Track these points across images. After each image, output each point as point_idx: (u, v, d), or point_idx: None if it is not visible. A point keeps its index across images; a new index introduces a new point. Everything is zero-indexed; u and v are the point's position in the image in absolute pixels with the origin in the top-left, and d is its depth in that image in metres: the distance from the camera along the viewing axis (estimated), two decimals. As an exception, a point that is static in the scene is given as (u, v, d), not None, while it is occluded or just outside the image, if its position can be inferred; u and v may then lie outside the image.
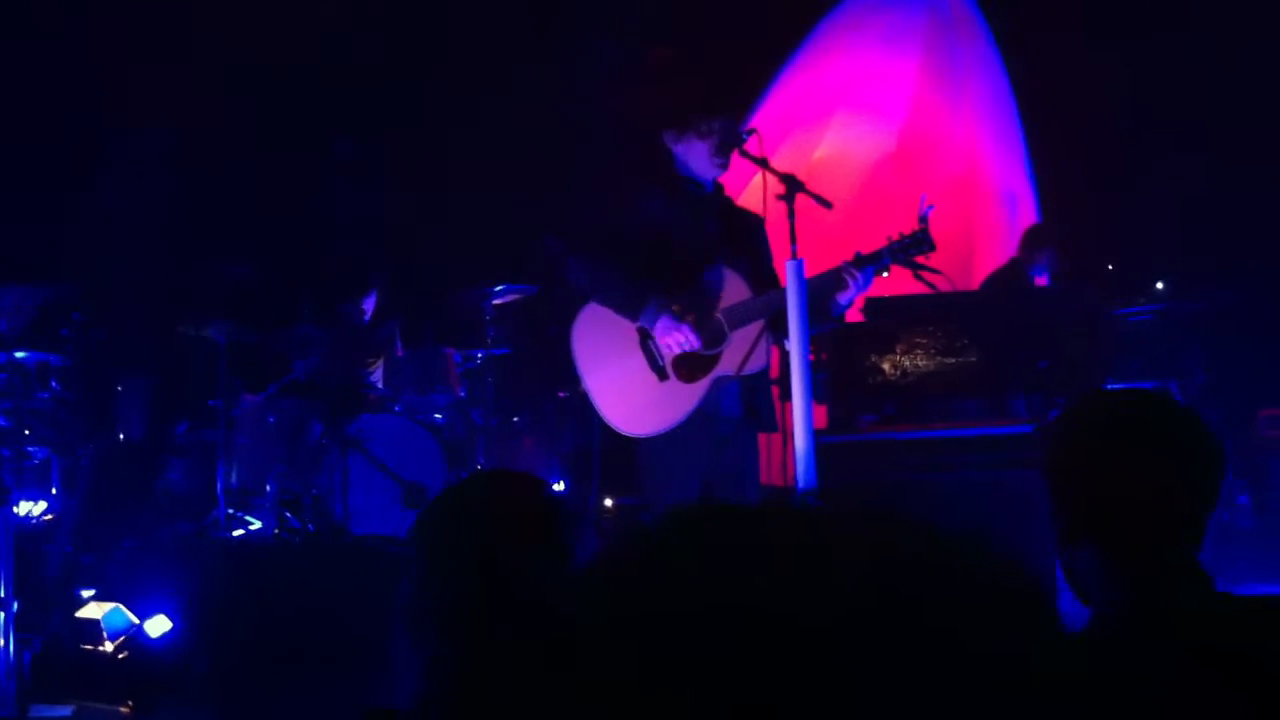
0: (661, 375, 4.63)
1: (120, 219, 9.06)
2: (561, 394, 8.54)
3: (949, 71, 9.96)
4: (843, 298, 4.56)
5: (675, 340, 4.58)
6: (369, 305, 8.37)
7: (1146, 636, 1.87)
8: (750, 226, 4.86)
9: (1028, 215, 9.55)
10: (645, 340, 4.66)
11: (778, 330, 4.57)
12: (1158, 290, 7.94)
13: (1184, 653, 1.82)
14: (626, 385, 4.67)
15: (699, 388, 4.61)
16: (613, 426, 4.68)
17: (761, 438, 4.89)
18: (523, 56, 9.53)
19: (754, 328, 4.63)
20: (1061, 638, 0.81)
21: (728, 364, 4.62)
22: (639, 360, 4.66)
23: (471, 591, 2.04)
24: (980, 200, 9.70)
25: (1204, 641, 1.83)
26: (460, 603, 2.04)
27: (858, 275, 4.50)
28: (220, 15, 9.10)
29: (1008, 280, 7.92)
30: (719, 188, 4.87)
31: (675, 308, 4.57)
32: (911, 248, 4.54)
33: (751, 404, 4.73)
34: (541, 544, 2.08)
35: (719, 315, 4.61)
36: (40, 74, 8.77)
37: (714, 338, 4.61)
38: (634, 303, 4.62)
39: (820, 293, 4.47)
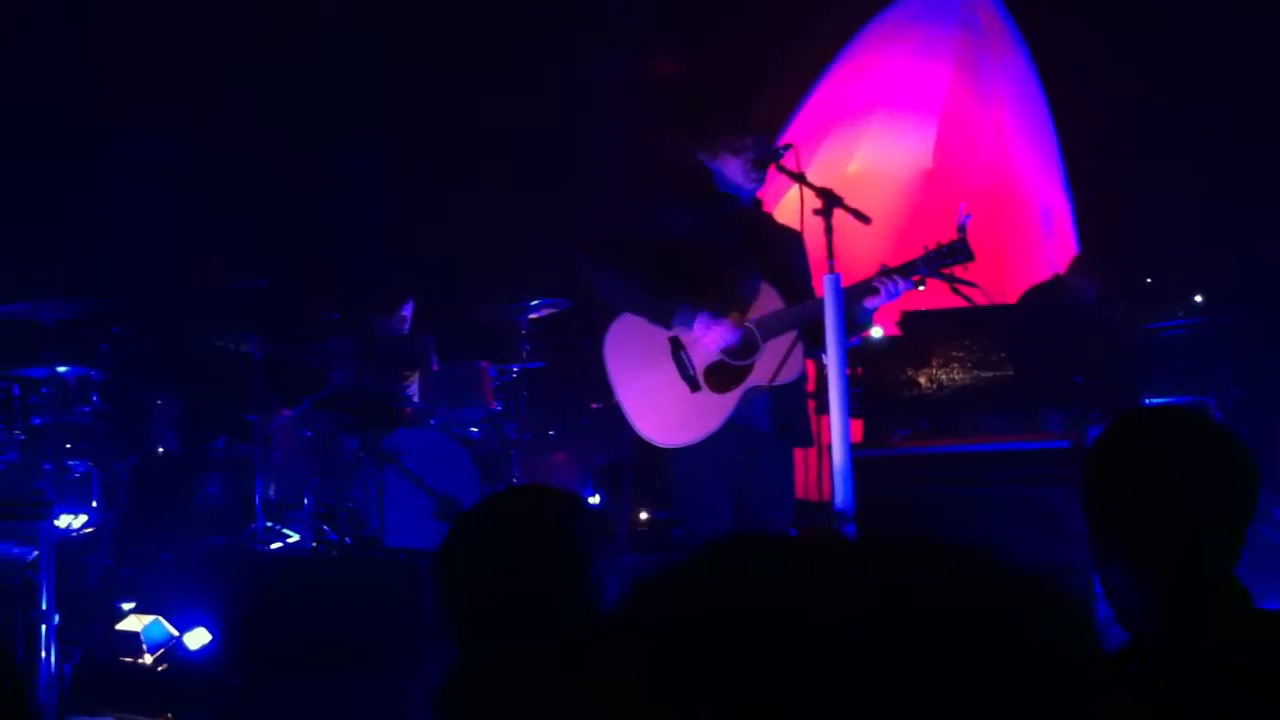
0: (693, 386, 4.64)
1: (156, 233, 9.12)
2: (595, 405, 8.56)
3: (982, 84, 9.95)
4: (870, 303, 4.55)
5: (716, 336, 4.56)
6: (407, 314, 8.38)
7: (1183, 654, 1.87)
8: (786, 240, 4.87)
9: (1063, 228, 9.53)
10: (677, 351, 4.66)
11: (813, 345, 4.58)
12: (1194, 304, 7.91)
13: (1220, 670, 1.82)
14: (658, 396, 4.68)
15: (731, 399, 4.61)
16: (644, 438, 4.68)
17: (798, 451, 4.88)
18: (560, 72, 9.56)
19: (787, 339, 4.63)
20: (1094, 653, 0.82)
21: (760, 375, 4.62)
22: (670, 371, 4.67)
23: (488, 596, 2.09)
24: (1014, 213, 9.67)
25: (1240, 658, 1.83)
26: (476, 606, 2.10)
27: (888, 284, 4.49)
28: (249, 24, 9.17)
29: (1047, 296, 7.90)
30: (757, 202, 4.88)
31: (712, 307, 4.57)
32: (949, 257, 4.52)
33: (783, 415, 4.72)
34: (558, 553, 2.13)
35: (752, 325, 4.61)
36: (68, 85, 8.85)
37: (747, 347, 4.61)
38: (665, 309, 4.62)
39: (850, 303, 4.47)
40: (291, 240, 9.25)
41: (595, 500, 8.28)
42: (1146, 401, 6.62)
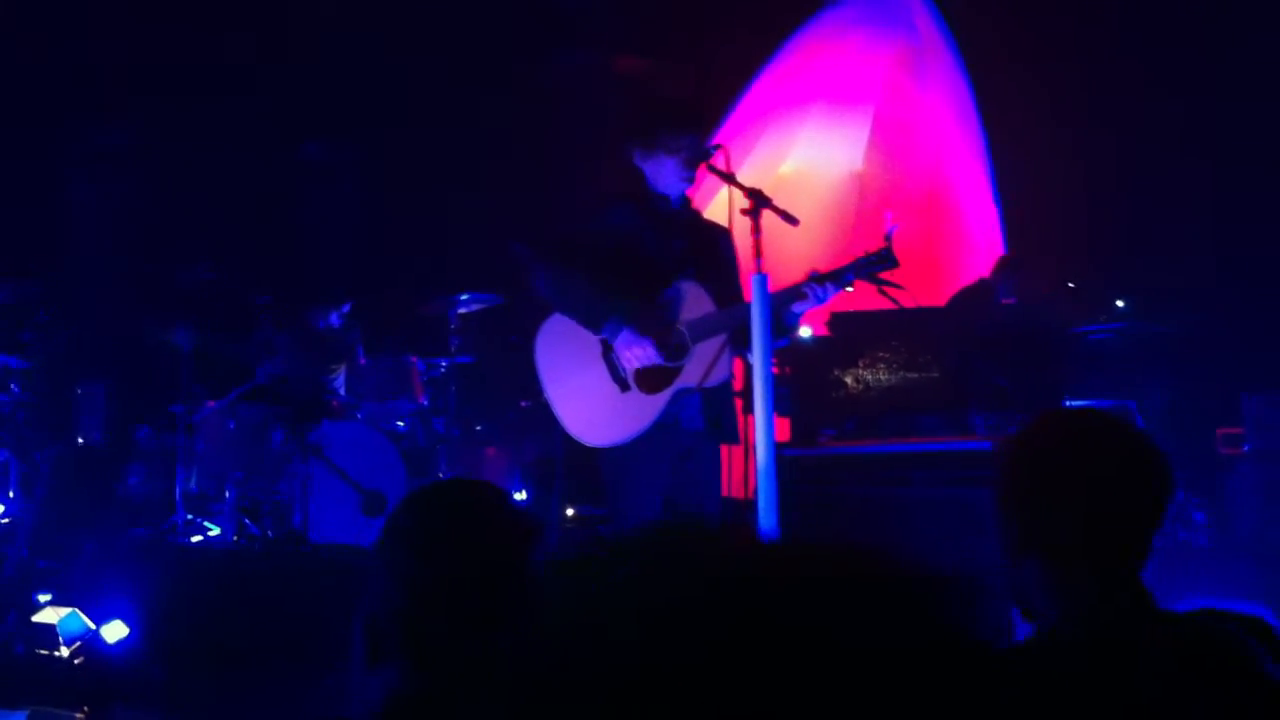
0: (623, 386, 4.64)
1: (84, 220, 9.01)
2: (524, 404, 8.54)
3: (917, 89, 10.03)
4: (798, 307, 4.58)
5: (635, 355, 4.59)
6: (338, 314, 8.35)
7: (1086, 651, 1.90)
8: (717, 240, 4.88)
9: (991, 233, 9.62)
10: (607, 352, 4.66)
11: (740, 343, 4.59)
12: (1118, 308, 8.01)
13: (1121, 667, 1.84)
14: (588, 396, 4.68)
15: (660, 399, 4.62)
16: (573, 437, 4.68)
17: (724, 450, 4.90)
18: (495, 68, 9.53)
19: (717, 341, 4.65)
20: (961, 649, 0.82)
21: (690, 376, 4.63)
22: (601, 371, 4.67)
23: (438, 602, 2.03)
24: (944, 216, 9.76)
25: (1140, 657, 1.86)
26: (426, 613, 2.04)
27: (816, 289, 4.52)
28: (192, 13, 9.08)
29: (974, 298, 7.98)
30: (686, 202, 4.89)
31: (638, 323, 4.58)
32: (876, 264, 4.56)
33: (714, 416, 4.74)
34: (512, 555, 2.08)
35: (682, 328, 4.63)
36: (2, 71, 8.72)
37: (677, 350, 4.63)
38: (596, 315, 4.63)
39: (779, 306, 4.49)
40: (225, 231, 9.16)
41: (522, 496, 8.27)
42: (1069, 404, 6.69)
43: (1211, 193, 8.67)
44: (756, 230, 4.26)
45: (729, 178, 4.49)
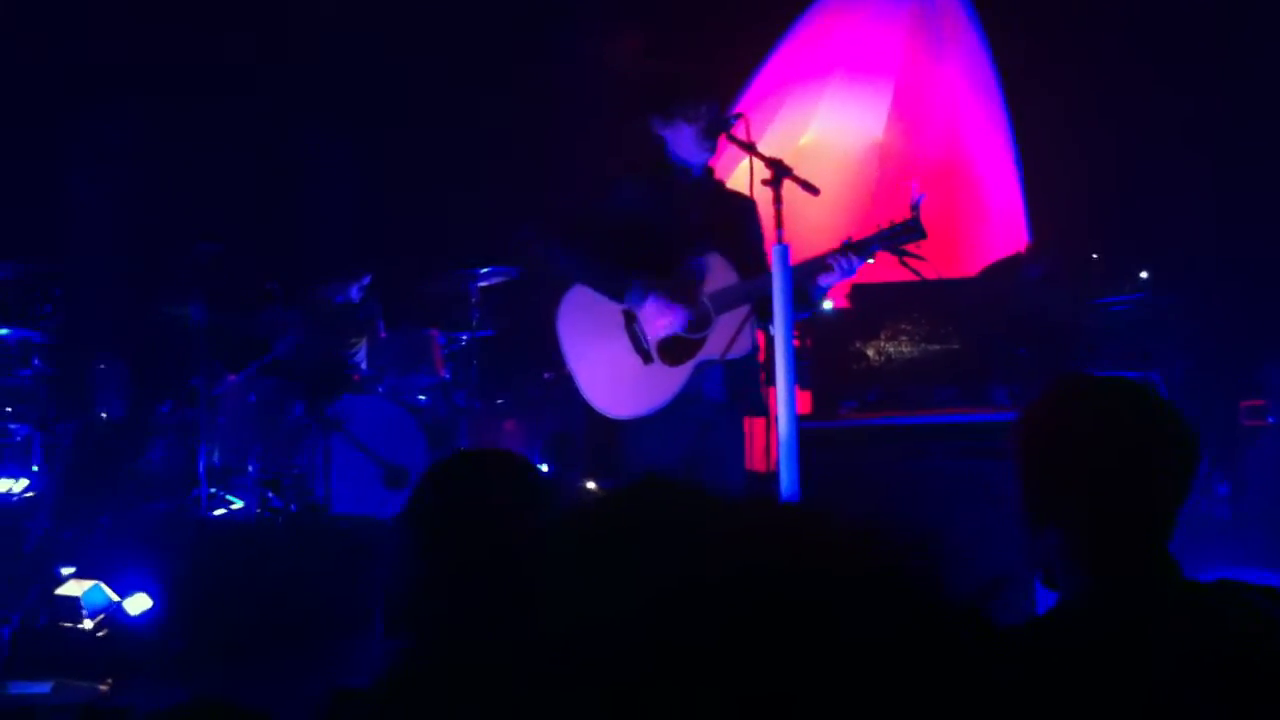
0: (646, 358, 4.63)
1: (102, 195, 9.02)
2: (547, 376, 8.54)
3: (936, 58, 9.96)
4: (824, 280, 4.56)
5: (663, 323, 4.57)
6: (358, 288, 8.34)
7: (1110, 622, 1.88)
8: (740, 210, 4.85)
9: (1012, 202, 9.57)
10: (630, 323, 4.65)
11: (763, 315, 4.57)
12: (1141, 279, 7.96)
13: (1147, 639, 1.83)
14: (611, 368, 4.67)
15: (683, 371, 4.60)
16: (596, 409, 4.67)
17: (746, 422, 4.89)
18: (510, 38, 9.51)
19: (740, 312, 4.63)
20: (949, 621, 0.82)
21: (713, 348, 4.62)
22: (623, 343, 4.66)
23: (469, 574, 2.02)
24: (964, 187, 9.70)
25: (1169, 628, 1.84)
26: (441, 584, 2.03)
27: (842, 261, 4.49)
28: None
29: (1003, 272, 7.93)
30: (708, 171, 4.86)
31: (663, 289, 4.56)
32: (903, 235, 4.52)
33: (736, 388, 4.72)
34: (533, 526, 2.06)
35: (705, 299, 4.61)
36: (10, 50, 8.72)
37: (700, 321, 4.61)
38: (620, 284, 4.60)
39: (804, 279, 4.47)
40: (241, 206, 9.17)
41: (543, 469, 8.27)
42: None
43: (1237, 162, 8.60)
44: (778, 201, 4.24)
45: (750, 147, 4.46)
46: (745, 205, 4.83)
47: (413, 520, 2.13)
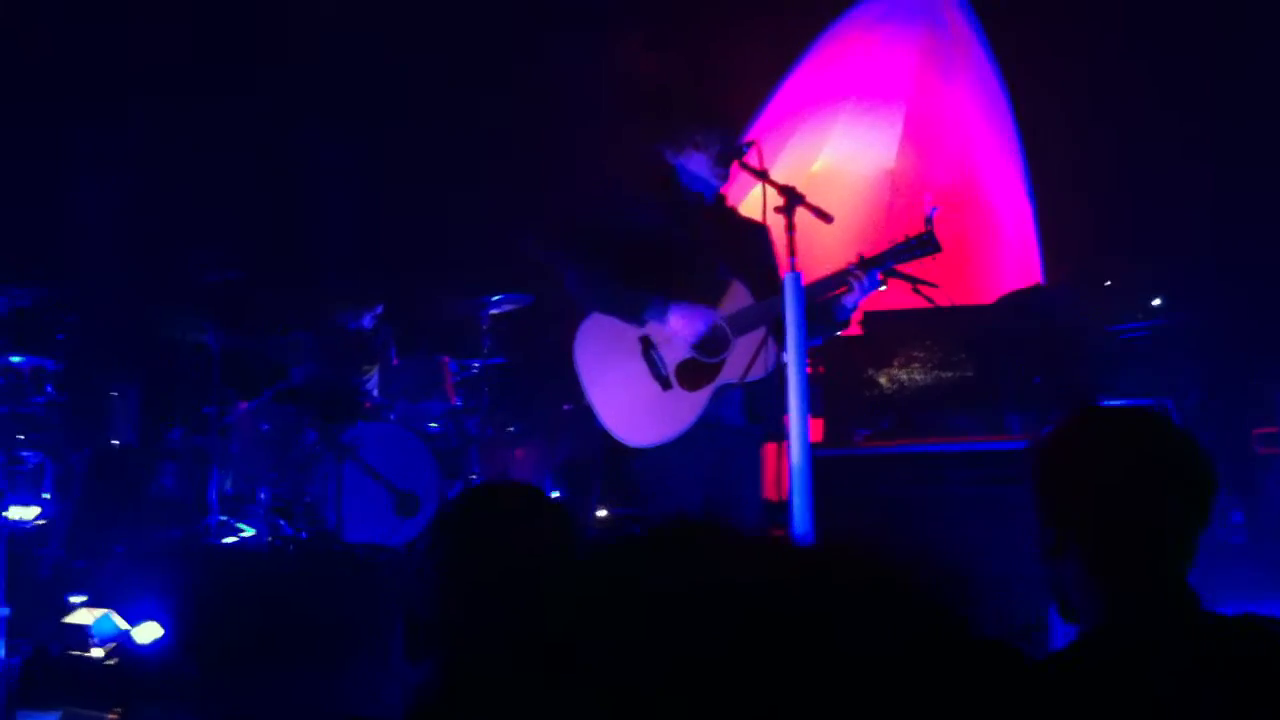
0: (665, 384, 4.60)
1: (115, 221, 9.04)
2: (566, 407, 8.52)
3: (947, 85, 9.97)
4: (849, 300, 4.56)
5: (690, 331, 4.52)
6: (371, 315, 8.35)
7: (1131, 653, 1.87)
8: (754, 235, 4.85)
9: (1024, 230, 9.56)
10: (648, 349, 4.63)
11: (781, 336, 4.56)
12: (1154, 307, 7.95)
13: (1169, 670, 1.81)
14: (629, 396, 4.64)
15: (703, 396, 4.58)
16: (616, 438, 4.63)
17: (767, 448, 4.87)
18: (524, 63, 9.53)
19: (757, 335, 4.61)
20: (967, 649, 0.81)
21: (731, 371, 4.59)
22: (641, 370, 4.63)
23: (493, 603, 2.02)
24: (977, 214, 9.70)
25: (1188, 660, 1.83)
26: (466, 610, 2.02)
27: (863, 277, 4.48)
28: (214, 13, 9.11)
29: (1019, 301, 7.91)
30: (721, 198, 4.86)
31: (684, 301, 4.54)
32: (917, 249, 4.52)
33: (755, 412, 4.70)
34: (554, 556, 2.07)
35: (722, 322, 4.59)
36: (26, 71, 8.75)
37: (718, 345, 4.59)
38: (636, 306, 4.58)
39: (823, 297, 4.46)
40: (258, 233, 9.19)
41: (556, 497, 8.26)
42: (1104, 403, 6.65)
43: (1249, 185, 8.58)
44: (790, 228, 4.24)
45: (763, 175, 4.46)
46: (758, 230, 4.82)
47: (436, 549, 2.13)
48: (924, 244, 4.50)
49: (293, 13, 9.18)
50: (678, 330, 4.54)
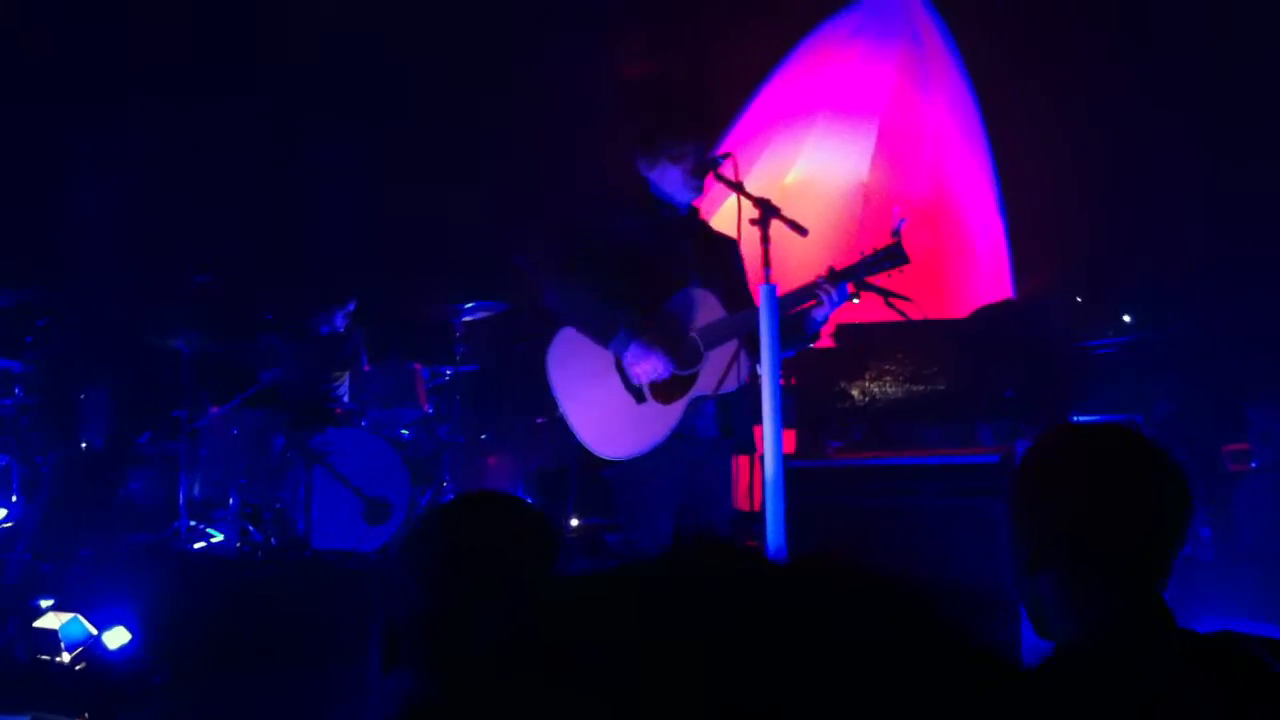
0: (639, 397, 4.61)
1: (86, 224, 8.99)
2: (540, 420, 8.51)
3: (921, 99, 10.02)
4: (818, 314, 4.57)
5: (645, 369, 4.55)
6: (349, 311, 8.30)
7: (1105, 670, 1.88)
8: (724, 248, 4.86)
9: (996, 243, 9.61)
10: (620, 363, 4.64)
11: (754, 348, 4.57)
12: (1124, 323, 8.00)
13: (1145, 688, 1.82)
14: (603, 408, 4.64)
15: (677, 409, 4.59)
16: (591, 450, 4.64)
17: (736, 459, 4.88)
18: (500, 71, 9.53)
19: (730, 347, 4.63)
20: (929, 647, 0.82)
21: (705, 384, 4.61)
22: (615, 383, 4.64)
23: (464, 606, 2.02)
24: (949, 227, 9.75)
25: (1165, 678, 1.84)
26: (451, 617, 2.02)
27: (832, 291, 4.50)
28: (190, 13, 9.08)
29: (991, 315, 7.95)
30: (693, 211, 4.87)
31: (647, 336, 4.54)
32: (885, 261, 4.53)
33: (727, 424, 4.72)
34: (538, 564, 2.08)
35: (694, 335, 4.60)
36: (18, 72, 8.70)
37: (690, 358, 4.60)
38: (606, 329, 4.59)
39: (793, 310, 4.48)
40: (228, 235, 9.15)
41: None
42: (1076, 418, 6.68)
43: (1216, 202, 8.65)
44: (765, 240, 4.25)
45: (738, 187, 4.47)
46: (729, 243, 4.84)
47: (420, 556, 2.12)
48: (892, 256, 4.51)
49: (292, 14, 9.15)
50: (632, 369, 4.56)
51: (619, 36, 9.50)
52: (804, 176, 10.00)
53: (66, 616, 5.81)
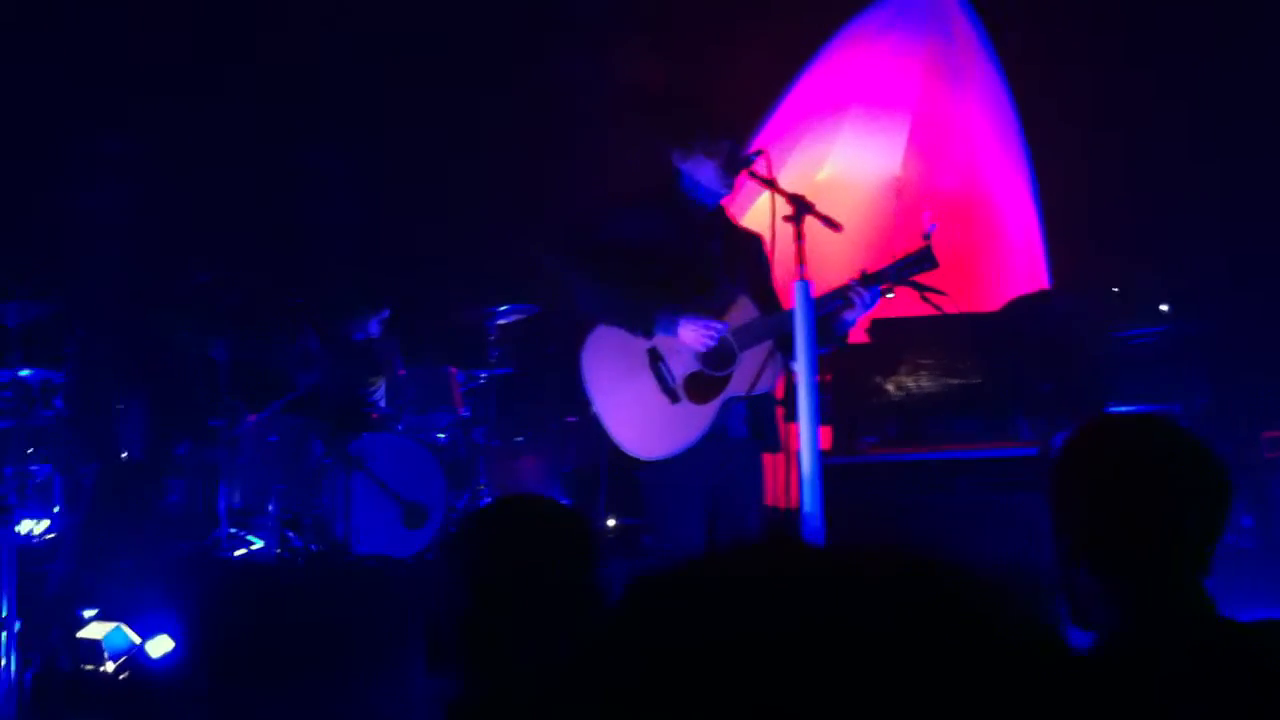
0: (673, 397, 4.60)
1: (124, 233, 9.04)
2: (571, 419, 8.52)
3: (953, 93, 9.97)
4: (848, 316, 4.57)
5: (701, 336, 4.50)
6: (382, 319, 8.32)
7: (1148, 660, 1.86)
8: (751, 246, 4.85)
9: (1030, 236, 9.56)
10: (655, 362, 4.63)
11: (786, 350, 4.56)
12: (1161, 313, 7.94)
13: (1186, 678, 1.81)
14: (638, 409, 4.63)
15: (710, 409, 4.58)
16: (625, 450, 4.63)
17: (766, 458, 4.87)
18: (529, 73, 9.54)
19: (762, 348, 4.62)
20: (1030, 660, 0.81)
21: (738, 385, 4.60)
22: (649, 383, 4.63)
23: (505, 605, 2.03)
24: (983, 221, 9.70)
25: (1207, 668, 1.82)
26: (492, 616, 2.04)
27: (864, 294, 4.49)
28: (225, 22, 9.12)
29: (1026, 307, 7.91)
30: (720, 208, 4.86)
31: (691, 308, 4.52)
32: (915, 265, 4.53)
33: (757, 424, 4.71)
34: (577, 564, 2.09)
35: (728, 335, 4.59)
36: (32, 85, 8.75)
37: (725, 358, 4.59)
38: (643, 318, 4.57)
39: (825, 312, 4.46)
40: (263, 242, 9.19)
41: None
42: (1113, 409, 6.65)
43: (1258, 194, 8.58)
44: (799, 237, 4.24)
45: (771, 184, 4.45)
46: (756, 241, 4.83)
47: (461, 559, 2.14)
48: (921, 260, 4.51)
49: (292, 15, 9.17)
50: (688, 343, 4.53)
51: (646, 32, 9.49)
52: (836, 172, 9.97)
53: (110, 626, 5.85)
